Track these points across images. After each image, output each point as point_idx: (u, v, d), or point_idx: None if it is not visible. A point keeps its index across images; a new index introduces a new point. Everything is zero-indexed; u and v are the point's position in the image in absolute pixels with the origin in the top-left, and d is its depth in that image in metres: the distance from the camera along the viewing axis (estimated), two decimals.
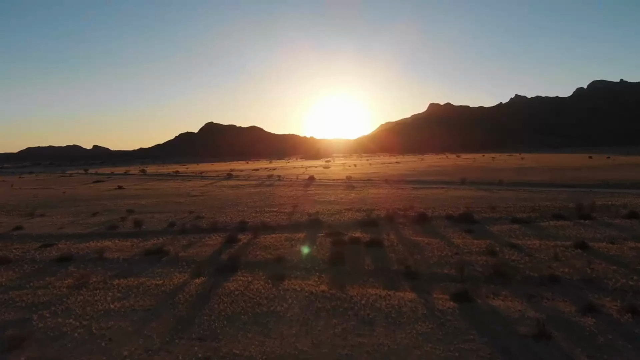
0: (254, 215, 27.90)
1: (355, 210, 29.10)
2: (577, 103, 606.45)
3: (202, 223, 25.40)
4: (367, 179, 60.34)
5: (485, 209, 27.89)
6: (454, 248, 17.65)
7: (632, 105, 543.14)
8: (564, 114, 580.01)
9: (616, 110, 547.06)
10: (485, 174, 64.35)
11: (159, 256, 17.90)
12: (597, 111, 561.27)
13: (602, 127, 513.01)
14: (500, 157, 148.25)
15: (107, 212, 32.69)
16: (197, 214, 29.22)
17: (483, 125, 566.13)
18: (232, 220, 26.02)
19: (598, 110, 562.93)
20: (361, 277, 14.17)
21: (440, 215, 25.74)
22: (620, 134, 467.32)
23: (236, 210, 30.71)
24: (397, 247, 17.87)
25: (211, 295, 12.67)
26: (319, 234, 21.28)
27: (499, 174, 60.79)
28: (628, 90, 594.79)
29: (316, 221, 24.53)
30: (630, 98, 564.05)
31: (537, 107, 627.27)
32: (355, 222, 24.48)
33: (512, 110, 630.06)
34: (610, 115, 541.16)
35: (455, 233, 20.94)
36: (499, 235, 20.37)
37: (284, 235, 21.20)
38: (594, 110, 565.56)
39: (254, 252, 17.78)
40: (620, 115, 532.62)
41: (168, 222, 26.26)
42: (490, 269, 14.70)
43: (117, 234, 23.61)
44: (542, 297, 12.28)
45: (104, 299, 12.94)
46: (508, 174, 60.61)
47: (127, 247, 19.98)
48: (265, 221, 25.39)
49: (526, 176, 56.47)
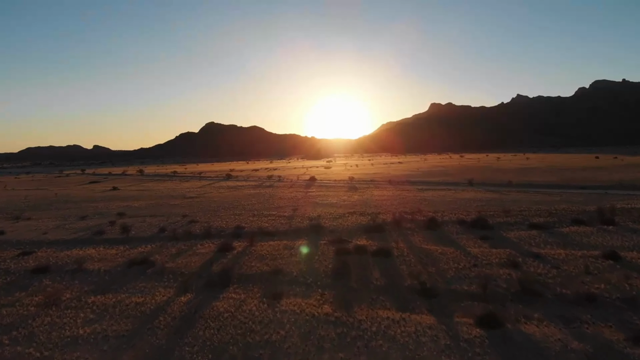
0: (251, 220, 26.14)
1: (359, 213, 27.32)
2: (579, 103, 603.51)
3: (195, 228, 23.65)
4: (370, 180, 58.54)
5: (498, 212, 26.09)
6: (471, 258, 15.88)
7: (633, 105, 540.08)
8: (565, 114, 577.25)
9: (617, 110, 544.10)
10: (491, 174, 62.51)
11: (143, 267, 16.15)
12: (597, 111, 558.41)
13: (602, 127, 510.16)
14: (505, 157, 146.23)
15: (97, 216, 30.98)
16: (191, 218, 27.48)
17: (484, 125, 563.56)
18: (227, 225, 24.27)
19: (599, 110, 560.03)
20: (370, 294, 12.41)
21: (452, 220, 23.95)
22: (621, 134, 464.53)
23: (233, 214, 28.96)
24: (408, 258, 16.09)
25: (197, 317, 10.92)
26: (321, 241, 19.52)
27: (507, 175, 58.99)
28: (629, 90, 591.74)
29: (317, 226, 22.77)
30: (631, 98, 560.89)
31: (538, 107, 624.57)
32: (359, 227, 22.71)
33: (514, 110, 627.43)
34: (610, 115, 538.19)
35: (470, 240, 19.16)
36: (518, 243, 18.59)
37: (283, 242, 19.45)
38: (595, 110, 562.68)
39: (248, 263, 16.02)
40: (620, 115, 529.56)
41: (159, 227, 24.53)
42: (516, 285, 12.94)
43: (103, 241, 21.88)
44: (581, 322, 10.51)
45: (73, 321, 11.21)
46: (515, 175, 58.77)
47: (111, 256, 18.23)
48: (263, 226, 23.63)
49: (535, 177, 54.65)
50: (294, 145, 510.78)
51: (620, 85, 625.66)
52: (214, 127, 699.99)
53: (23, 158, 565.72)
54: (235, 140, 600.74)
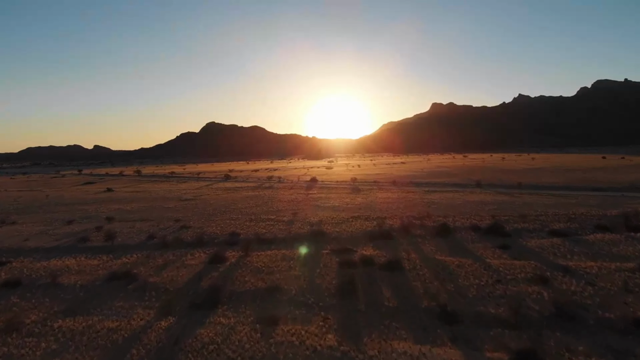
0: (248, 225, 24.35)
1: (363, 218, 25.52)
2: (580, 103, 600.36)
3: (187, 235, 21.88)
4: (373, 181, 56.67)
5: (514, 217, 24.29)
6: (492, 273, 14.09)
7: (633, 105, 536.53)
8: (566, 114, 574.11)
9: (618, 110, 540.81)
10: (498, 175, 60.57)
11: (125, 282, 14.40)
12: (598, 111, 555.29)
13: (602, 127, 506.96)
14: (509, 158, 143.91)
15: (85, 220, 29.23)
16: (183, 223, 25.70)
17: (486, 125, 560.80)
18: (221, 232, 22.49)
19: (599, 109, 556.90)
20: (381, 319, 10.62)
21: (464, 226, 22.15)
22: (621, 134, 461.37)
23: (228, 218, 27.18)
24: (422, 272, 14.30)
25: (176, 350, 9.16)
26: (323, 250, 17.75)
27: (514, 176, 57.11)
28: (629, 89, 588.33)
29: (319, 233, 21.00)
30: (631, 98, 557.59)
31: (540, 107, 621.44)
32: (365, 233, 20.93)
33: (516, 110, 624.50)
34: (611, 115, 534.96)
35: (487, 250, 17.37)
36: (541, 253, 16.79)
37: (281, 252, 17.67)
38: (596, 110, 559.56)
39: (241, 278, 14.25)
40: (620, 115, 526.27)
41: (148, 233, 22.76)
42: (550, 306, 11.17)
43: (86, 249, 20.13)
44: (635, 357, 8.80)
45: (32, 353, 9.47)
46: (523, 176, 56.87)
47: (91, 268, 16.47)
48: (260, 232, 21.85)
49: (544, 178, 52.74)
50: (295, 145, 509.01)
51: (622, 85, 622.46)
52: (214, 127, 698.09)
53: (23, 158, 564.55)
54: (236, 140, 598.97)
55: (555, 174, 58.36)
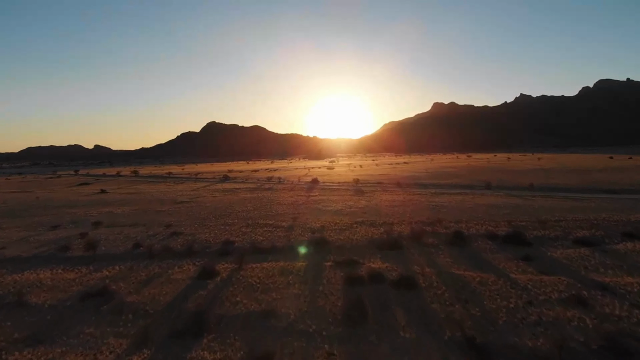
0: (244, 232, 22.55)
1: (369, 224, 23.70)
2: (582, 102, 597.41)
3: (177, 243, 20.09)
4: (377, 182, 54.82)
5: (532, 223, 22.46)
6: (520, 291, 12.28)
7: (635, 105, 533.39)
8: (568, 114, 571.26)
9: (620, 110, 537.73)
10: (506, 176, 58.62)
11: (100, 301, 12.62)
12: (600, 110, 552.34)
13: (604, 126, 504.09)
14: (515, 158, 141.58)
15: (72, 225, 27.47)
16: (174, 229, 23.91)
17: (488, 124, 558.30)
18: (215, 239, 20.69)
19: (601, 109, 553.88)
20: (398, 355, 8.83)
21: (480, 233, 20.33)
22: (622, 134, 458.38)
23: (223, 224, 25.38)
24: (440, 291, 12.48)
25: None
26: (326, 262, 15.96)
27: (523, 177, 55.22)
28: (631, 89, 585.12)
29: (321, 241, 19.20)
30: (633, 97, 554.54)
31: (542, 107, 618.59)
32: (371, 242, 19.12)
33: (517, 110, 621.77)
34: (612, 115, 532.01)
35: (510, 262, 15.56)
36: (570, 266, 14.98)
37: (279, 264, 15.87)
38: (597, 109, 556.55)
39: (233, 297, 12.46)
40: (622, 115, 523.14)
41: (135, 240, 20.97)
42: (596, 337, 9.39)
43: (65, 259, 18.35)
44: None
45: None
46: (533, 177, 54.96)
47: (66, 283, 14.68)
48: (256, 240, 20.05)
49: (554, 179, 50.80)
50: (295, 145, 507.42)
51: (624, 85, 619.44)
52: (215, 127, 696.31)
53: (23, 158, 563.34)
54: (237, 140, 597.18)
55: (565, 175, 56.43)
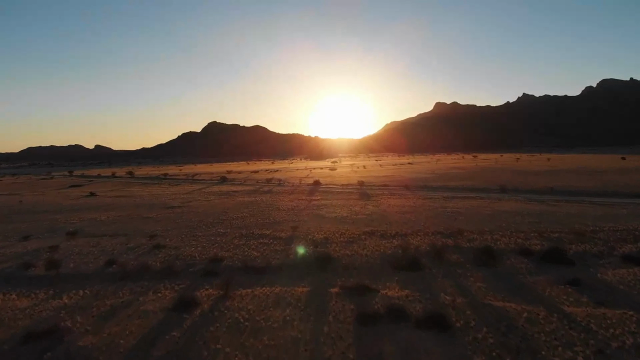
0: (236, 245, 19.69)
1: (379, 235, 20.83)
2: (586, 102, 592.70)
3: (157, 259, 17.26)
4: (382, 184, 51.87)
5: (565, 234, 19.57)
6: (582, 333, 9.43)
7: (636, 105, 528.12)
8: (572, 114, 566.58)
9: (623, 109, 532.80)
10: (520, 178, 55.41)
11: (45, 345, 9.78)
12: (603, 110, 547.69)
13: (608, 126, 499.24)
14: (524, 158, 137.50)
15: (47, 234, 24.67)
16: (158, 240, 21.07)
17: (490, 124, 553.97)
18: (201, 255, 17.84)
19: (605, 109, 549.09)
20: None
21: (510, 248, 17.46)
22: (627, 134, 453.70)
23: (214, 234, 22.54)
24: (481, 333, 9.58)
25: None
26: (332, 287, 13.11)
27: (537, 179, 52.22)
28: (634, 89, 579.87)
29: (326, 257, 16.35)
30: (634, 97, 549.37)
31: (545, 107, 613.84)
32: (385, 259, 16.27)
33: (520, 110, 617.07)
34: (616, 114, 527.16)
35: (554, 287, 12.70)
36: (630, 293, 12.17)
37: (275, 290, 13.01)
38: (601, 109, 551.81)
39: (213, 342, 9.60)
40: (625, 114, 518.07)
41: (110, 255, 18.15)
42: None
43: (25, 280, 15.57)
44: None
45: None
46: (548, 179, 51.96)
47: (14, 315, 11.86)
48: (249, 257, 17.20)
49: (572, 181, 47.68)
50: (297, 145, 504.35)
51: (627, 84, 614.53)
52: (216, 127, 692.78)
53: (23, 158, 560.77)
54: (238, 140, 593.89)
55: (582, 177, 53.25)
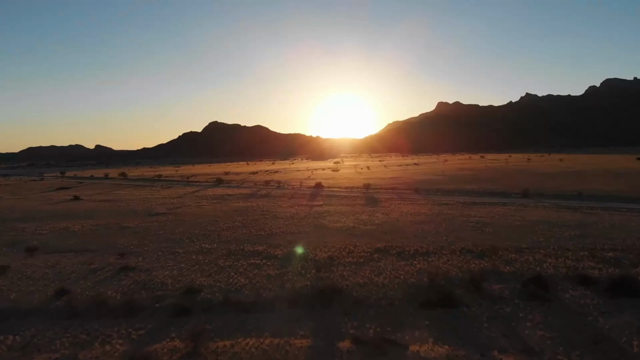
0: (221, 267, 16.10)
1: (396, 253, 17.21)
2: (590, 101, 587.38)
3: (119, 289, 13.70)
4: (390, 187, 48.16)
5: (623, 254, 15.94)
6: None
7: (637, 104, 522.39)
8: (576, 113, 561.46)
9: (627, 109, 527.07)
10: (538, 180, 51.45)
11: None
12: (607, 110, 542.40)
13: (611, 126, 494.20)
14: (534, 159, 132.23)
15: (4, 249, 21.13)
16: (128, 260, 17.51)
17: (494, 124, 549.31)
18: (175, 282, 14.26)
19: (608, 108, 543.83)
20: None
21: (561, 273, 13.87)
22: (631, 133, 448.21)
23: (197, 250, 18.97)
24: None
25: None
26: (340, 341, 9.56)
27: (559, 182, 48.39)
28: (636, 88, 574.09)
29: (331, 288, 12.78)
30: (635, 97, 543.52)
31: (549, 106, 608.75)
32: (407, 290, 12.70)
33: (523, 109, 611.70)
34: (620, 114, 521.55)
35: None
36: None
37: (263, 344, 9.46)
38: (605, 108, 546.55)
39: None
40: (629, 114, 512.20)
41: (64, 282, 14.60)
42: None
43: None
44: None
45: None
46: (569, 181, 48.18)
47: None
48: (234, 286, 13.64)
49: (596, 184, 43.73)
50: (299, 145, 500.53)
51: (631, 84, 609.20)
52: (217, 127, 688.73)
53: (23, 158, 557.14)
54: (239, 139, 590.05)
55: (608, 180, 49.10)
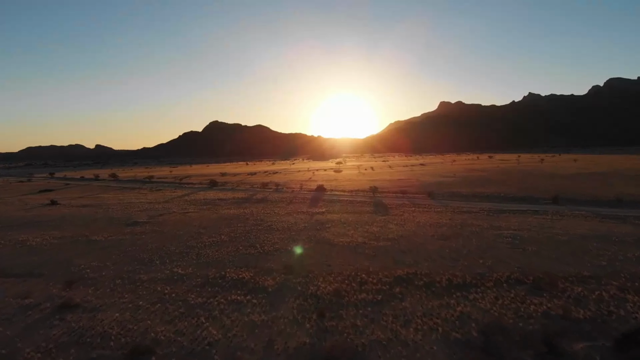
0: (190, 306, 12.12)
1: (423, 284, 13.22)
2: (594, 101, 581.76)
3: (42, 344, 9.77)
4: (399, 190, 43.88)
5: None
6: None
7: None
8: (580, 113, 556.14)
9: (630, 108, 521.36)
10: (557, 183, 46.84)
11: None
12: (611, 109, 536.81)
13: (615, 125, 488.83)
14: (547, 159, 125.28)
15: None
16: (74, 293, 13.57)
17: (494, 124, 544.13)
18: (121, 333, 10.30)
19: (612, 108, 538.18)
20: None
21: None
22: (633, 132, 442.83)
23: (166, 278, 14.99)
24: None
25: None
26: None
27: (581, 185, 44.01)
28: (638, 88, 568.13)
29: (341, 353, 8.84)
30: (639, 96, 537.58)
31: (551, 106, 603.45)
32: (448, 352, 8.73)
33: (526, 109, 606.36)
34: (623, 114, 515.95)
35: None
36: None
37: None
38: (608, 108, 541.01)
39: None
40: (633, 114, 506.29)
41: None
42: None
43: None
44: None
45: None
46: (593, 184, 43.94)
47: None
48: (200, 345, 9.68)
49: (630, 188, 38.79)
50: (300, 145, 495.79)
51: (635, 83, 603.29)
52: (217, 126, 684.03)
53: (23, 158, 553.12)
54: (240, 139, 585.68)
55: (637, 182, 44.52)
